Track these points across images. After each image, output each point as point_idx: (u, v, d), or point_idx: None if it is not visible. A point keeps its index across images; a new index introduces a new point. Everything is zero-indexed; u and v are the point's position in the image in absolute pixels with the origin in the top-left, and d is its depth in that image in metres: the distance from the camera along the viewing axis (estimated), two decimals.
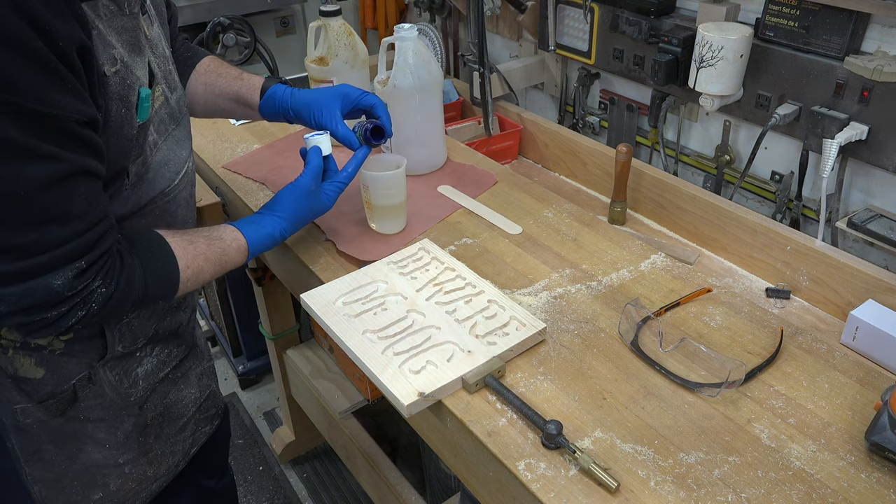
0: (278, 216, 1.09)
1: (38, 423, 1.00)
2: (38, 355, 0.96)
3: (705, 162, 1.55)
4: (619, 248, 1.25)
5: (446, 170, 1.51)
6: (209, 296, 2.35)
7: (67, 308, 0.83)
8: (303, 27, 2.61)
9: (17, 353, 0.95)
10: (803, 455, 0.87)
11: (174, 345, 1.14)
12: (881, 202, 1.27)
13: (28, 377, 0.97)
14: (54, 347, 0.97)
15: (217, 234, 1.03)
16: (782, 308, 1.13)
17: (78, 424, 1.03)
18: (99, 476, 1.09)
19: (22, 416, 0.99)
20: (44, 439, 1.02)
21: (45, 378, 0.98)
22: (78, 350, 0.99)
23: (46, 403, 0.99)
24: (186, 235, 0.99)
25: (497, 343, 1.00)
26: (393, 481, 1.55)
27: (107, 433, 1.06)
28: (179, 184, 1.05)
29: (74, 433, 1.04)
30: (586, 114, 1.80)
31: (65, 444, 1.04)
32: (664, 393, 0.96)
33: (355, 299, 1.10)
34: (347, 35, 1.51)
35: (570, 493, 0.82)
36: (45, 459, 1.03)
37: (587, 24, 1.64)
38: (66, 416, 1.02)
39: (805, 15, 1.24)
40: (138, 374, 1.07)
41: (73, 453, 1.05)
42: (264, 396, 2.36)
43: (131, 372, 1.06)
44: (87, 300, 0.84)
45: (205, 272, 0.99)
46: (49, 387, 0.98)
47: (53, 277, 0.80)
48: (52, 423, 1.01)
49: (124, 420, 1.08)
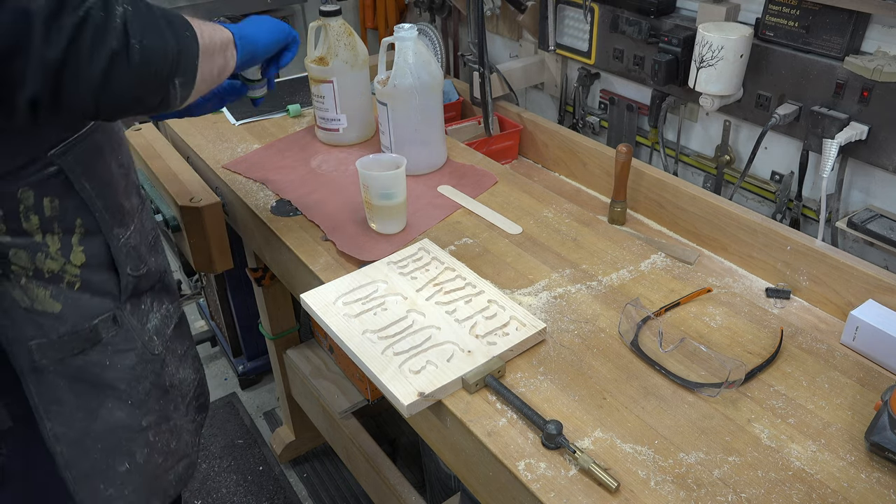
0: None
1: (55, 363, 0.95)
2: (54, 287, 0.93)
3: (705, 162, 1.55)
4: (619, 248, 1.25)
5: (446, 170, 1.51)
6: (209, 296, 2.35)
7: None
8: (303, 27, 2.61)
9: (31, 282, 0.91)
10: (803, 455, 0.87)
11: (168, 300, 1.13)
12: (881, 202, 1.27)
13: (46, 311, 0.93)
14: (69, 275, 0.94)
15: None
16: (782, 308, 1.13)
17: (99, 370, 1.00)
18: (124, 441, 1.06)
19: (39, 355, 0.94)
20: (62, 386, 0.97)
21: (64, 313, 0.94)
22: (95, 282, 0.96)
23: (64, 339, 0.95)
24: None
25: (497, 343, 1.00)
26: (393, 481, 1.55)
27: (128, 384, 1.04)
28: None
29: (94, 381, 1.00)
30: (586, 114, 1.80)
31: (84, 393, 1.00)
32: (664, 393, 0.96)
33: (355, 299, 1.10)
34: (347, 35, 1.51)
35: (570, 493, 0.82)
36: (64, 413, 0.98)
37: (587, 24, 1.64)
38: (87, 357, 0.98)
39: (805, 15, 1.24)
40: (151, 330, 1.07)
41: (93, 407, 1.01)
42: (264, 396, 2.36)
43: (146, 325, 1.05)
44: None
45: (205, 25, 0.91)
46: (68, 324, 0.95)
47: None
48: (71, 363, 0.97)
49: (146, 376, 1.06)
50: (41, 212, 0.88)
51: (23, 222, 0.88)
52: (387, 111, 1.42)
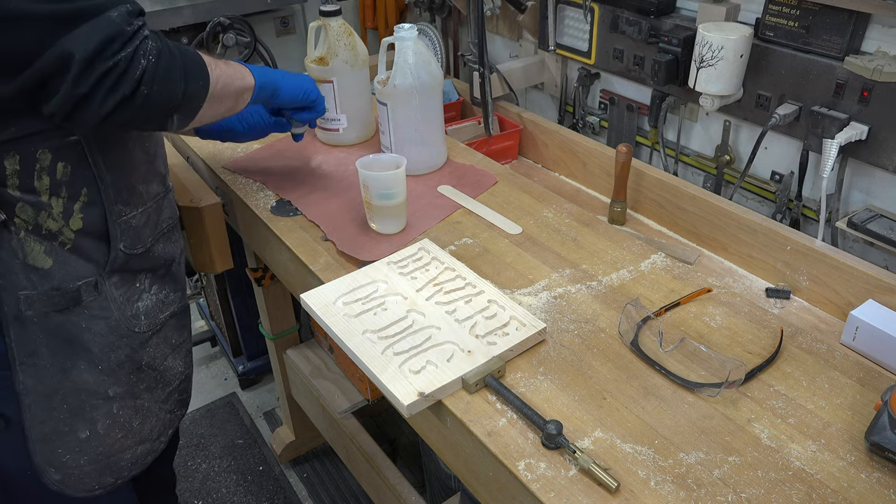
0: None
1: (38, 315, 1.03)
2: (49, 245, 1.01)
3: (705, 162, 1.55)
4: (619, 248, 1.25)
5: (446, 170, 1.51)
6: (209, 296, 2.35)
7: (132, 51, 0.89)
8: (303, 27, 2.60)
9: (29, 236, 0.99)
10: (803, 455, 0.87)
11: (170, 288, 1.19)
12: (881, 202, 1.27)
13: (36, 266, 1.01)
14: (65, 237, 1.02)
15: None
16: (782, 308, 1.13)
17: (77, 331, 1.07)
18: (88, 406, 1.11)
19: (25, 305, 1.01)
20: (41, 340, 1.04)
21: (53, 270, 1.02)
22: (86, 248, 1.04)
23: (53, 294, 1.02)
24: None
25: (497, 343, 1.00)
26: (393, 481, 1.55)
27: (101, 350, 1.10)
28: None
29: (71, 339, 1.07)
30: (586, 114, 1.80)
31: (60, 349, 1.06)
32: (664, 393, 0.96)
33: (355, 299, 1.10)
34: (347, 35, 1.51)
35: (570, 493, 0.82)
36: (38, 365, 1.05)
37: (587, 24, 1.64)
38: (67, 316, 1.05)
39: (805, 15, 1.24)
40: (139, 308, 1.12)
41: (65, 366, 1.07)
42: (264, 396, 2.36)
43: (133, 302, 1.11)
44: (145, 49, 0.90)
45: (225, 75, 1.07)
46: (56, 281, 1.02)
47: (111, 12, 0.87)
48: (53, 318, 1.04)
49: (121, 347, 1.11)
50: (53, 174, 0.97)
51: (35, 181, 0.96)
52: (387, 111, 1.42)
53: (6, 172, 0.94)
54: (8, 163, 0.93)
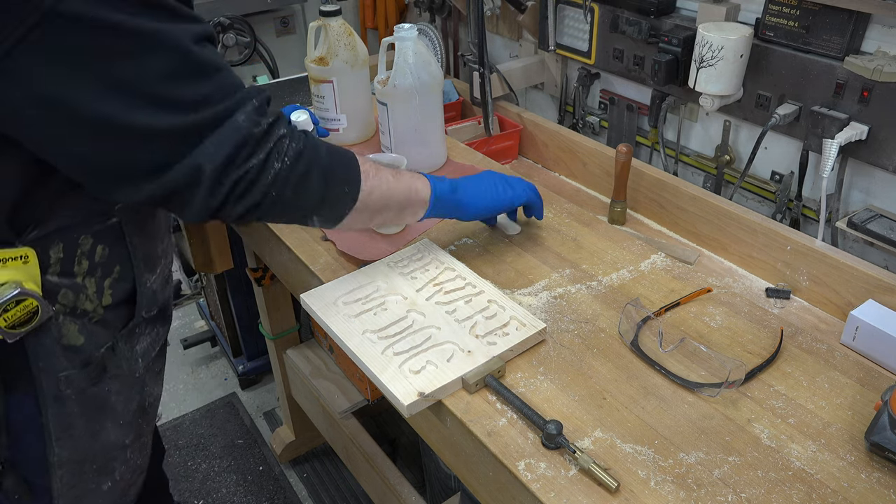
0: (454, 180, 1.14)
1: (77, 392, 1.01)
2: (81, 322, 0.99)
3: (705, 162, 1.55)
4: (619, 248, 1.25)
5: (446, 170, 1.51)
6: (209, 296, 2.35)
7: (264, 156, 0.86)
8: (303, 27, 2.61)
9: (66, 318, 0.97)
10: (803, 455, 0.87)
11: (160, 323, 1.16)
12: (881, 202, 1.27)
13: (71, 344, 0.99)
14: (95, 315, 1.00)
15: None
16: (782, 308, 1.13)
17: (105, 396, 1.06)
18: (111, 461, 1.11)
19: (65, 385, 0.99)
20: (77, 412, 1.03)
21: (85, 345, 1.00)
22: (109, 319, 1.02)
23: (88, 369, 1.01)
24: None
25: (497, 343, 1.00)
26: (393, 481, 1.55)
27: (123, 406, 1.09)
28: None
29: (103, 405, 1.06)
30: (586, 114, 1.80)
31: (93, 417, 1.05)
32: (664, 393, 0.96)
33: (355, 299, 1.10)
34: (347, 35, 1.51)
35: (570, 493, 0.82)
36: (74, 436, 1.04)
37: (587, 24, 1.64)
38: (99, 385, 1.04)
39: (805, 15, 1.24)
40: (137, 352, 1.10)
41: (96, 430, 1.06)
42: (264, 396, 2.36)
43: (134, 347, 1.09)
44: (279, 149, 0.87)
45: (382, 172, 1.02)
46: (85, 354, 1.01)
47: (237, 115, 0.83)
48: (89, 391, 1.03)
49: (133, 397, 1.10)
50: (92, 258, 0.95)
51: (75, 266, 0.94)
52: (387, 111, 1.42)
53: (50, 261, 0.91)
54: (53, 252, 0.91)
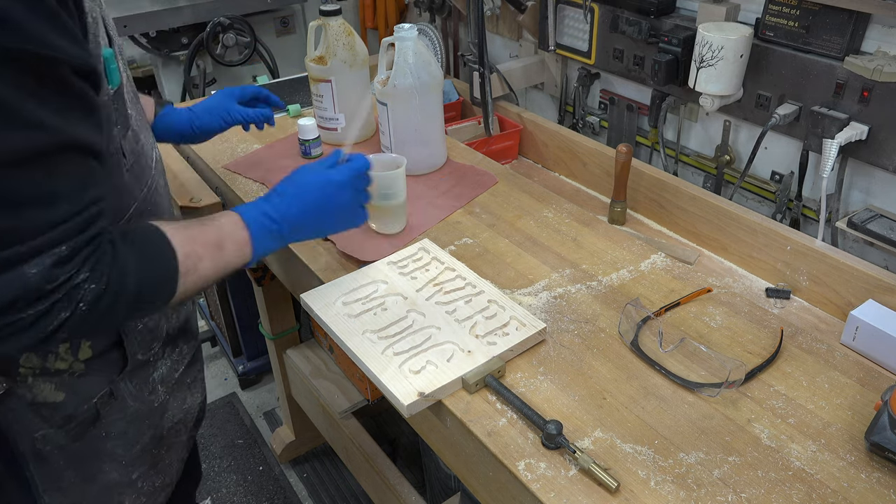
0: (281, 192, 0.99)
1: (58, 448, 0.94)
2: (59, 379, 0.90)
3: (705, 162, 1.55)
4: (619, 248, 1.25)
5: (446, 170, 1.51)
6: (209, 296, 2.35)
7: (47, 307, 0.69)
8: (303, 27, 2.61)
9: (37, 379, 0.89)
10: (803, 455, 0.87)
11: (183, 341, 1.11)
12: (881, 202, 1.27)
13: (48, 401, 0.91)
14: (74, 370, 0.91)
15: (210, 217, 0.92)
16: (782, 308, 1.13)
17: (98, 443, 0.98)
18: (115, 495, 1.05)
19: (42, 443, 0.92)
20: (63, 465, 0.96)
21: (65, 401, 0.92)
22: (97, 367, 0.93)
23: (67, 427, 0.93)
24: (177, 221, 0.87)
25: (497, 343, 1.00)
26: (393, 481, 1.55)
27: (125, 448, 1.02)
28: (157, 172, 0.98)
29: (95, 453, 0.99)
30: (586, 114, 1.80)
31: (84, 466, 0.99)
32: (664, 393, 0.96)
33: (355, 299, 1.10)
34: (347, 35, 1.51)
35: (570, 493, 0.82)
36: (63, 488, 0.98)
37: (587, 24, 1.64)
38: (87, 437, 0.97)
39: (805, 15, 1.24)
40: (155, 380, 1.04)
41: (91, 475, 1.00)
42: (264, 396, 2.36)
43: (149, 378, 1.02)
44: (71, 297, 0.71)
45: (203, 260, 0.85)
46: (69, 409, 0.93)
47: (28, 267, 0.68)
48: (73, 446, 0.96)
49: (145, 432, 1.04)
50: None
51: None
52: (387, 111, 1.42)
53: None
54: None
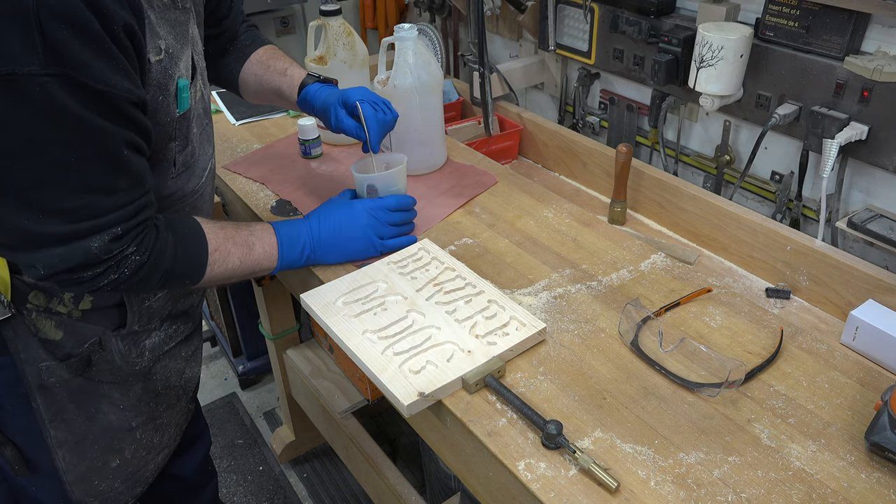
0: (308, 217, 1.18)
1: (60, 381, 1.05)
2: (58, 318, 1.02)
3: (705, 162, 1.55)
4: (619, 248, 1.25)
5: (446, 170, 1.51)
6: (209, 296, 2.34)
7: (102, 270, 0.90)
8: (303, 27, 2.60)
9: (40, 315, 1.00)
10: (803, 455, 0.87)
11: (182, 321, 1.19)
12: (881, 202, 1.27)
13: (49, 338, 1.02)
14: (73, 315, 1.02)
15: (246, 224, 1.11)
16: (782, 308, 1.13)
17: (95, 385, 1.09)
18: (116, 441, 1.15)
19: (46, 374, 1.03)
20: (65, 398, 1.07)
21: (64, 340, 1.03)
22: (94, 319, 1.05)
23: (68, 362, 1.04)
24: (217, 222, 1.06)
25: (497, 343, 1.00)
26: (393, 481, 1.55)
27: (120, 394, 1.13)
28: (206, 180, 1.12)
29: (93, 393, 1.09)
30: (586, 114, 1.80)
31: (84, 403, 1.09)
32: (664, 393, 0.96)
33: (355, 299, 1.10)
34: (346, 35, 1.51)
35: (570, 493, 0.82)
36: (67, 420, 1.08)
37: (587, 24, 1.64)
38: (85, 377, 1.07)
39: (805, 15, 1.24)
40: (145, 346, 1.13)
41: (91, 413, 1.10)
42: (264, 396, 2.36)
43: (140, 343, 1.12)
44: (120, 264, 0.91)
45: (232, 256, 1.05)
46: (67, 348, 1.04)
47: (92, 241, 0.87)
48: (73, 381, 1.06)
49: (133, 384, 1.14)
50: None
51: None
52: None
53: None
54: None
